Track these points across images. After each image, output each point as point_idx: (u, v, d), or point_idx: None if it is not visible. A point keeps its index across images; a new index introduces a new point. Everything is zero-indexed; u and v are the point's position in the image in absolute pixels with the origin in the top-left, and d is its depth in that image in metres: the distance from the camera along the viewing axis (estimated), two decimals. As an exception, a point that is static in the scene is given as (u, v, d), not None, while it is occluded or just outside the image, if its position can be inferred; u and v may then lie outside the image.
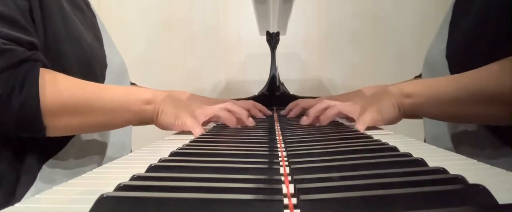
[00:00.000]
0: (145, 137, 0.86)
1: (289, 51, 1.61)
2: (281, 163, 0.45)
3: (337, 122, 0.87)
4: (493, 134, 0.75)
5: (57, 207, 0.33)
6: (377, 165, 0.40)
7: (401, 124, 0.77)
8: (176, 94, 1.09)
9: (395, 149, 0.49)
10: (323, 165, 0.41)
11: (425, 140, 0.90)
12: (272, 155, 0.49)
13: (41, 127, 0.64)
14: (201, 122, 0.77)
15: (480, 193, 0.29)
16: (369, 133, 0.67)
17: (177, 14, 1.66)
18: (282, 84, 1.33)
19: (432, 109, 0.73)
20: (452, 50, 0.79)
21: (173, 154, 0.50)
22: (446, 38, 0.81)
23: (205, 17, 1.66)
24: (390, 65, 1.62)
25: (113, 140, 0.85)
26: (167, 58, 1.66)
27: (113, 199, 0.30)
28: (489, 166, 0.42)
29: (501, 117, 0.66)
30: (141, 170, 0.40)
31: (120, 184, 0.34)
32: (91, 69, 0.77)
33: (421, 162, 0.40)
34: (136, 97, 0.74)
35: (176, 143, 0.62)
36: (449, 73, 0.78)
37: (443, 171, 0.36)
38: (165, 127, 0.77)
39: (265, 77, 1.32)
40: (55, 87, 0.65)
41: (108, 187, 0.34)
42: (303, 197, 0.29)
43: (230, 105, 0.82)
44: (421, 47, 0.94)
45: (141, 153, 0.59)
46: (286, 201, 0.31)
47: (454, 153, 0.51)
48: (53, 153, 0.72)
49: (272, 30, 1.30)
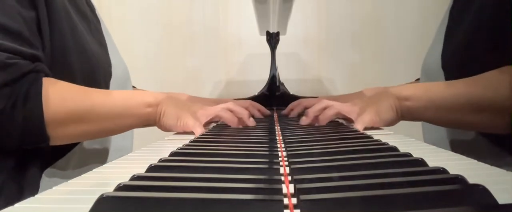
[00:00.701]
0: (145, 137, 0.86)
1: (289, 51, 1.61)
2: (281, 163, 0.45)
3: (337, 122, 0.87)
4: (491, 142, 0.74)
5: (57, 207, 0.33)
6: (377, 165, 0.40)
7: (401, 124, 0.77)
8: (175, 96, 1.09)
9: (395, 149, 0.49)
10: (323, 165, 0.41)
11: None
12: (272, 155, 0.49)
13: (45, 137, 0.64)
14: (203, 123, 0.77)
15: (480, 193, 0.29)
16: (369, 133, 0.67)
17: (177, 14, 1.66)
18: (282, 84, 1.33)
19: (428, 114, 0.73)
20: (448, 61, 0.78)
21: (173, 154, 0.50)
22: (441, 47, 0.81)
23: (205, 17, 1.66)
24: (390, 65, 1.62)
25: (115, 145, 0.85)
26: (167, 58, 1.66)
27: (113, 199, 0.30)
28: (489, 166, 0.42)
29: (498, 125, 0.66)
30: (141, 170, 0.40)
31: (120, 184, 0.34)
32: (96, 81, 0.77)
33: (421, 162, 0.40)
34: (138, 100, 0.74)
35: (176, 143, 0.62)
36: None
37: (443, 171, 0.36)
38: (167, 129, 0.77)
39: (265, 77, 1.32)
40: (58, 96, 0.65)
41: (108, 187, 0.34)
42: (303, 197, 0.30)
43: (231, 105, 0.82)
44: (421, 47, 0.94)
45: (141, 153, 0.59)
46: (286, 201, 0.31)
47: (454, 153, 0.51)
48: (52, 162, 0.71)
49: (272, 30, 1.30)
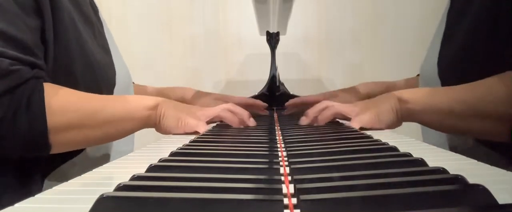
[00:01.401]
0: (145, 137, 0.86)
1: (289, 51, 1.61)
2: (281, 163, 0.45)
3: (337, 122, 0.87)
4: (491, 150, 0.72)
5: (57, 207, 0.33)
6: (377, 165, 0.40)
7: (401, 125, 0.77)
8: (182, 91, 1.09)
9: (395, 149, 0.49)
10: (323, 165, 0.41)
11: None
12: (272, 155, 0.49)
13: (47, 145, 0.62)
14: (204, 122, 0.77)
15: (480, 193, 0.29)
16: (369, 133, 0.67)
17: (177, 14, 1.66)
18: (282, 84, 1.33)
19: (428, 117, 0.73)
20: (444, 69, 0.78)
21: (173, 154, 0.50)
22: (438, 53, 0.80)
23: (205, 17, 1.66)
24: (390, 65, 1.62)
25: (117, 150, 0.84)
26: (167, 58, 1.66)
27: (113, 199, 0.30)
28: (489, 166, 0.42)
29: (497, 132, 0.65)
30: (141, 170, 0.40)
31: (120, 184, 0.34)
32: (99, 91, 0.76)
33: (421, 162, 0.40)
34: (139, 104, 0.74)
35: (176, 143, 0.62)
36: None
37: (443, 171, 0.36)
38: (167, 131, 0.76)
39: (265, 77, 1.32)
40: (60, 103, 0.64)
41: (108, 187, 0.34)
42: (303, 197, 0.29)
43: (232, 106, 0.82)
44: (421, 47, 0.94)
45: (141, 153, 0.59)
46: (286, 201, 0.31)
47: (454, 153, 0.51)
48: (52, 170, 0.71)
49: (272, 30, 1.30)
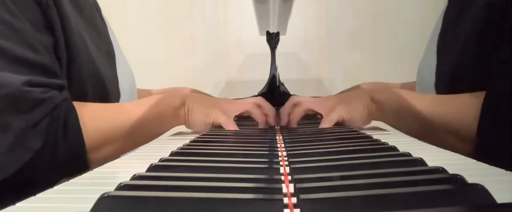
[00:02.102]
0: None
1: (289, 51, 1.61)
2: (281, 163, 0.45)
3: (337, 122, 0.86)
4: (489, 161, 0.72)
5: (58, 206, 0.33)
6: (377, 165, 0.40)
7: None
8: (178, 90, 1.09)
9: (394, 148, 0.49)
10: (323, 164, 0.41)
11: None
12: (272, 154, 0.49)
13: (86, 165, 0.62)
14: (232, 117, 0.76)
15: (479, 193, 0.29)
16: (369, 133, 0.67)
17: (177, 14, 1.66)
18: (282, 84, 1.33)
19: (395, 122, 0.74)
20: (440, 81, 0.76)
21: (173, 153, 0.50)
22: (435, 59, 0.79)
23: (205, 17, 1.66)
24: (390, 65, 1.62)
25: None
26: (167, 58, 1.66)
27: (114, 199, 0.30)
28: (488, 165, 0.42)
29: (460, 150, 0.63)
30: (141, 169, 0.40)
31: (121, 183, 0.34)
32: (108, 102, 0.75)
33: (420, 162, 0.41)
34: (167, 105, 0.73)
35: (177, 142, 0.62)
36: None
37: (442, 170, 0.36)
38: (195, 126, 0.75)
39: (265, 77, 1.32)
40: (93, 120, 0.63)
41: (109, 187, 0.34)
42: (303, 196, 0.30)
43: (261, 101, 0.79)
44: (421, 48, 0.94)
45: (141, 152, 0.59)
46: (286, 200, 0.31)
47: (453, 153, 0.51)
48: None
49: (272, 30, 1.29)
